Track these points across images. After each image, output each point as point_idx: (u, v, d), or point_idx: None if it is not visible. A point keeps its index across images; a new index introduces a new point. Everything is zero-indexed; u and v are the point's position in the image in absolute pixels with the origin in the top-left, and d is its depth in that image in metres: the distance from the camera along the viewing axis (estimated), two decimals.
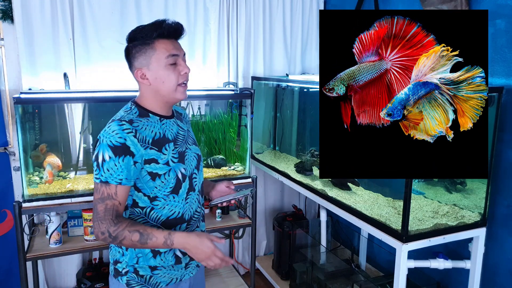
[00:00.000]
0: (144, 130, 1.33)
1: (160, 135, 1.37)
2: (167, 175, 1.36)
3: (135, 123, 1.32)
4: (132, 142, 1.28)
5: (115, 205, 1.29)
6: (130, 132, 1.28)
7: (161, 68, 1.34)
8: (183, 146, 1.45)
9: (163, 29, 1.33)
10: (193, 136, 1.58)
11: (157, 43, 1.33)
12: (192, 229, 1.47)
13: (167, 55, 1.33)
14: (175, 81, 1.35)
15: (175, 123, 1.47)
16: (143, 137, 1.32)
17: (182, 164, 1.41)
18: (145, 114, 1.38)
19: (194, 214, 1.48)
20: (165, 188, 1.37)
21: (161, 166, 1.35)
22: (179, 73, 1.36)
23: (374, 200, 2.17)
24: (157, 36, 1.33)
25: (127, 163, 1.28)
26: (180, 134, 1.46)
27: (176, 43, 1.37)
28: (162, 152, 1.35)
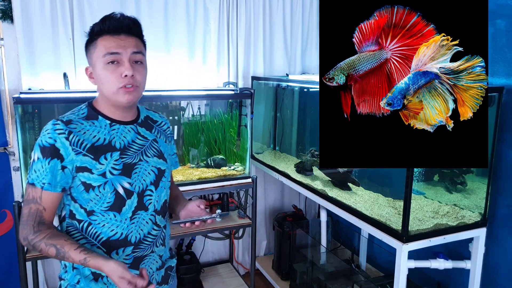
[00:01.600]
0: (83, 133, 1.20)
1: (103, 142, 1.22)
2: (102, 188, 1.20)
3: (74, 124, 1.20)
4: (63, 145, 1.17)
5: (39, 210, 1.17)
6: (62, 134, 1.17)
7: (100, 67, 1.20)
8: (135, 158, 1.27)
9: (104, 24, 1.20)
10: (162, 148, 1.37)
11: (99, 40, 1.20)
12: (143, 254, 1.29)
13: (105, 53, 1.19)
14: (114, 84, 1.19)
15: (133, 130, 1.30)
16: (79, 141, 1.18)
17: (126, 178, 1.23)
18: (94, 117, 1.25)
19: (146, 238, 1.29)
20: (102, 203, 1.21)
21: (95, 177, 1.19)
22: (120, 74, 1.19)
23: (374, 200, 2.17)
24: (100, 32, 1.21)
25: (52, 166, 1.16)
26: (135, 144, 1.29)
27: (123, 40, 1.20)
28: (98, 161, 1.20)
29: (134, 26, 1.24)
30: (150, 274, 1.32)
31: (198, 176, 2.66)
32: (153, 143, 1.34)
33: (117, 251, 1.24)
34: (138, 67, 1.23)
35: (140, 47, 1.25)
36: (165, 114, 2.84)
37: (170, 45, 2.76)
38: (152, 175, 1.30)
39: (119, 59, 1.20)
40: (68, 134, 1.17)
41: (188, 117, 2.86)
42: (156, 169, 1.32)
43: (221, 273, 3.07)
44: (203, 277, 2.98)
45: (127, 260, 1.26)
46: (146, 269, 1.24)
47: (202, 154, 2.86)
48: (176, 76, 2.81)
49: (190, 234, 2.58)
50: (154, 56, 2.68)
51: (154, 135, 1.36)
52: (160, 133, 1.40)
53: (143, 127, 1.34)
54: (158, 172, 1.32)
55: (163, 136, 1.41)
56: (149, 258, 1.31)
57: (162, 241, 1.36)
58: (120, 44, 1.20)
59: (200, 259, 3.09)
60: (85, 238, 1.24)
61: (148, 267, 1.31)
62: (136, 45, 1.23)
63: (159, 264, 1.36)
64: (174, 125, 2.85)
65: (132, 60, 1.21)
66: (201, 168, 2.80)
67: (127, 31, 1.22)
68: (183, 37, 2.79)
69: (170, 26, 2.75)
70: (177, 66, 2.80)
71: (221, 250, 3.30)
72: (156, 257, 1.34)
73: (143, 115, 1.38)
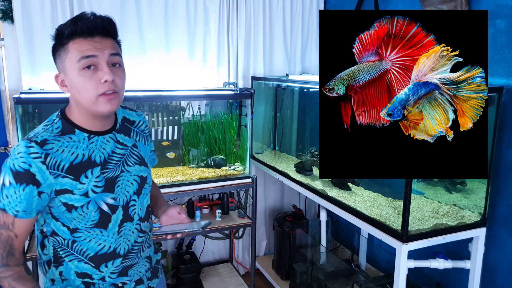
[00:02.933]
0: (60, 153, 1.10)
1: (83, 158, 1.13)
2: (85, 207, 1.13)
3: (50, 144, 1.09)
4: (39, 170, 1.06)
5: (10, 237, 1.09)
6: (38, 158, 1.06)
7: (75, 74, 1.08)
8: (116, 170, 1.19)
9: (76, 25, 1.07)
10: (142, 153, 1.29)
11: (71, 44, 1.08)
12: (132, 263, 1.26)
13: (79, 57, 1.06)
14: (93, 91, 1.08)
15: (112, 139, 1.21)
16: (56, 163, 1.09)
17: (110, 194, 1.17)
18: (70, 131, 1.14)
19: (133, 247, 1.25)
20: (86, 221, 1.15)
21: (77, 197, 1.11)
22: (98, 80, 1.07)
23: (374, 200, 2.17)
24: (71, 35, 1.08)
25: (28, 193, 1.06)
26: (116, 155, 1.20)
27: (98, 42, 1.08)
28: (79, 181, 1.11)
29: (110, 27, 1.12)
30: (140, 276, 1.31)
31: (198, 176, 2.66)
32: (133, 149, 1.26)
33: (106, 264, 1.20)
34: (117, 71, 1.11)
35: (117, 48, 1.14)
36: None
37: (170, 45, 2.77)
38: (135, 185, 1.24)
39: (96, 63, 1.08)
40: (44, 157, 1.07)
41: (188, 117, 2.86)
42: (138, 178, 1.25)
43: (221, 273, 3.07)
44: (203, 277, 2.98)
45: (117, 270, 1.23)
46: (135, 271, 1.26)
47: (202, 154, 2.86)
48: (176, 76, 2.81)
49: (190, 234, 2.57)
50: (154, 56, 2.69)
51: (133, 139, 1.28)
52: (139, 135, 1.31)
53: (122, 133, 1.25)
54: (141, 180, 1.26)
55: (141, 137, 1.32)
56: (138, 264, 1.30)
57: (148, 244, 1.33)
58: (96, 46, 1.08)
59: (200, 259, 3.10)
60: (72, 254, 1.18)
61: (138, 273, 1.30)
62: (113, 46, 1.12)
63: (148, 266, 1.34)
64: (174, 125, 2.85)
65: (110, 63, 1.10)
66: (201, 168, 2.80)
67: (102, 33, 1.10)
68: (183, 37, 2.80)
69: (170, 26, 2.75)
70: (177, 66, 2.80)
71: (221, 250, 3.31)
72: (144, 261, 1.32)
73: (120, 117, 1.28)
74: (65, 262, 1.19)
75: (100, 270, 1.20)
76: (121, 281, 1.25)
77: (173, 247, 3.07)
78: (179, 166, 2.84)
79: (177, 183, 2.56)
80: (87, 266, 1.19)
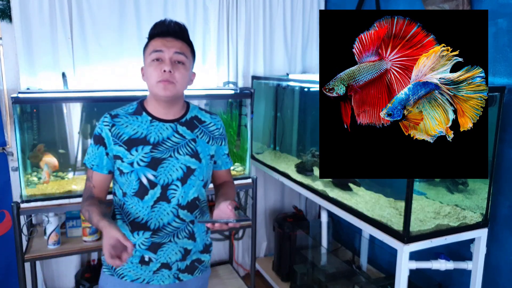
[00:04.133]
0: (124, 127, 1.38)
1: (140, 135, 1.38)
2: (129, 175, 1.37)
3: (119, 118, 1.39)
4: (106, 135, 1.37)
5: (90, 186, 1.41)
6: (107, 125, 1.37)
7: (148, 64, 1.36)
8: (165, 153, 1.39)
9: (155, 29, 1.37)
10: (199, 148, 1.45)
11: (152, 42, 1.37)
12: (161, 241, 1.42)
13: (152, 51, 1.34)
14: (155, 78, 1.33)
15: (172, 128, 1.42)
16: (118, 133, 1.37)
17: (152, 170, 1.36)
18: (139, 112, 1.42)
19: (166, 227, 1.41)
20: (130, 188, 1.39)
21: (125, 165, 1.36)
22: (160, 70, 1.32)
23: (376, 200, 2.16)
24: (151, 36, 1.37)
25: (101, 152, 1.38)
26: (170, 141, 1.40)
27: (169, 41, 1.35)
28: (130, 152, 1.36)
29: (180, 31, 1.38)
30: (170, 261, 1.44)
31: None
32: (190, 142, 1.43)
33: (138, 232, 1.40)
34: (178, 66, 1.35)
35: (184, 49, 1.37)
36: None
37: None
38: (180, 172, 1.40)
39: (162, 57, 1.33)
40: (111, 126, 1.37)
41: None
42: (185, 167, 1.40)
43: (221, 274, 3.06)
44: None
45: (146, 243, 1.41)
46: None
47: None
48: None
49: None
50: None
51: (195, 134, 1.45)
52: (204, 133, 1.48)
53: (185, 126, 1.44)
54: (187, 170, 1.41)
55: (206, 136, 1.48)
56: (168, 247, 1.42)
57: (187, 235, 1.45)
58: (165, 44, 1.33)
59: None
60: (120, 214, 1.44)
61: (166, 256, 1.43)
62: (180, 47, 1.36)
63: (179, 257, 1.45)
64: None
65: (174, 59, 1.34)
66: None
67: (173, 35, 1.36)
68: None
69: None
70: None
71: (221, 251, 3.29)
72: (176, 248, 1.44)
73: (191, 114, 1.48)
74: (116, 219, 1.45)
75: (133, 235, 1.41)
76: (149, 255, 1.42)
77: None
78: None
79: None
80: (126, 228, 1.41)
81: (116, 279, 1.44)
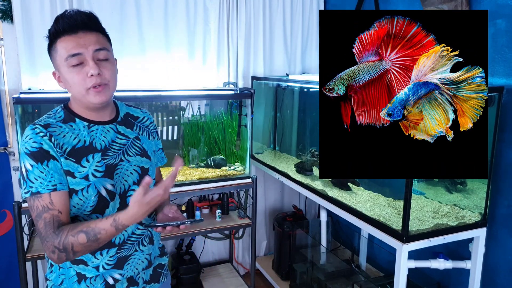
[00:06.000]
0: (62, 137, 1.15)
1: (84, 143, 1.18)
2: (85, 191, 1.15)
3: (53, 128, 1.15)
4: (49, 146, 1.12)
5: (54, 215, 1.10)
6: (45, 136, 1.12)
7: (65, 71, 1.14)
8: (116, 158, 1.22)
9: (58, 24, 1.13)
10: (145, 146, 1.32)
11: (58, 42, 1.13)
12: (127, 254, 1.25)
13: (66, 56, 1.12)
14: (82, 85, 1.13)
15: (113, 129, 1.25)
16: (59, 144, 1.14)
17: (109, 180, 1.19)
18: (71, 119, 1.20)
19: (130, 238, 1.25)
20: (85, 207, 1.17)
21: (78, 180, 1.15)
22: (85, 75, 1.12)
23: (375, 200, 2.17)
24: (56, 34, 1.13)
25: (55, 166, 1.12)
26: (116, 144, 1.24)
27: (82, 38, 1.12)
28: (80, 164, 1.15)
29: (90, 21, 1.16)
30: (135, 274, 1.28)
31: (198, 176, 2.66)
32: (135, 141, 1.29)
33: (100, 252, 1.21)
34: (104, 64, 1.16)
35: (103, 42, 1.18)
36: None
37: (170, 44, 2.76)
38: (135, 175, 1.26)
39: (83, 59, 1.13)
40: (49, 137, 1.12)
41: (188, 117, 2.86)
42: (139, 168, 1.27)
43: (221, 273, 3.07)
44: (203, 277, 2.98)
45: (111, 261, 1.23)
46: None
47: (202, 154, 2.86)
48: (176, 76, 2.81)
49: (190, 234, 2.58)
50: (154, 56, 2.69)
51: (136, 132, 1.31)
52: (142, 129, 1.34)
53: (123, 125, 1.29)
54: (141, 171, 1.27)
55: (145, 132, 1.35)
56: (134, 258, 1.28)
57: (149, 240, 1.31)
58: (80, 43, 1.12)
59: (200, 259, 3.09)
60: None
61: (133, 268, 1.28)
62: (97, 41, 1.15)
63: (146, 264, 1.31)
64: (174, 125, 2.85)
65: (96, 58, 1.14)
66: (201, 168, 2.80)
67: (83, 28, 1.14)
68: (183, 37, 2.79)
69: (170, 26, 2.74)
70: (177, 66, 2.80)
71: (221, 250, 3.30)
72: (142, 257, 1.30)
73: (123, 112, 1.32)
74: None
75: (95, 257, 1.21)
76: (114, 275, 1.24)
77: (173, 248, 3.07)
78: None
79: (177, 183, 2.55)
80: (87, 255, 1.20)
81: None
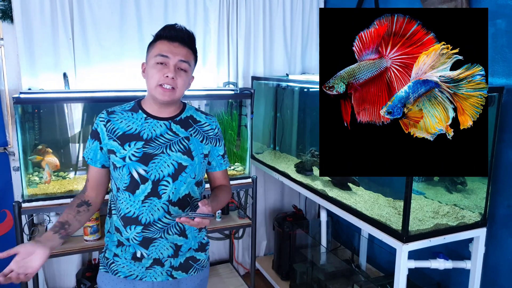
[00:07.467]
0: (119, 122, 1.43)
1: (134, 131, 1.42)
2: (121, 169, 1.40)
3: (115, 114, 1.44)
4: (101, 130, 1.42)
5: (86, 181, 1.49)
6: (102, 121, 1.43)
7: (151, 65, 1.39)
8: (157, 149, 1.41)
9: (165, 31, 1.40)
10: (192, 146, 1.46)
11: (158, 43, 1.39)
12: (152, 236, 1.43)
13: (157, 53, 1.37)
14: (156, 80, 1.37)
15: (166, 125, 1.45)
16: (113, 128, 1.42)
17: (143, 165, 1.39)
18: (135, 110, 1.46)
19: (156, 223, 1.42)
20: (121, 183, 1.42)
21: (118, 159, 1.40)
22: (163, 74, 1.36)
23: (375, 200, 2.17)
24: (159, 37, 1.40)
25: (95, 146, 1.44)
26: (163, 138, 1.43)
27: (175, 48, 1.38)
28: (123, 147, 1.40)
29: (188, 38, 1.42)
30: (161, 257, 1.45)
31: None
32: (183, 140, 1.46)
33: (130, 226, 1.42)
34: (181, 73, 1.39)
35: (189, 57, 1.41)
36: None
37: None
38: (171, 168, 1.42)
39: (167, 62, 1.37)
40: (106, 122, 1.42)
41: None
42: (176, 163, 1.42)
43: (221, 273, 3.07)
44: None
45: (138, 238, 1.42)
46: None
47: None
48: None
49: None
50: None
51: (189, 133, 1.48)
52: (198, 132, 1.50)
53: (179, 125, 1.47)
54: (179, 166, 1.43)
55: (200, 135, 1.50)
56: (159, 243, 1.44)
57: (178, 231, 1.46)
58: (171, 50, 1.37)
59: None
60: (115, 209, 1.47)
61: (158, 251, 1.44)
62: (185, 55, 1.39)
63: (171, 252, 1.46)
64: None
65: (178, 66, 1.38)
66: None
67: (181, 41, 1.39)
68: None
69: None
70: None
71: (221, 250, 3.30)
72: (167, 244, 1.45)
73: (186, 114, 1.51)
74: (112, 215, 1.48)
75: (126, 230, 1.43)
76: (141, 251, 1.43)
77: None
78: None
79: None
80: (120, 223, 1.44)
81: (110, 275, 1.47)
